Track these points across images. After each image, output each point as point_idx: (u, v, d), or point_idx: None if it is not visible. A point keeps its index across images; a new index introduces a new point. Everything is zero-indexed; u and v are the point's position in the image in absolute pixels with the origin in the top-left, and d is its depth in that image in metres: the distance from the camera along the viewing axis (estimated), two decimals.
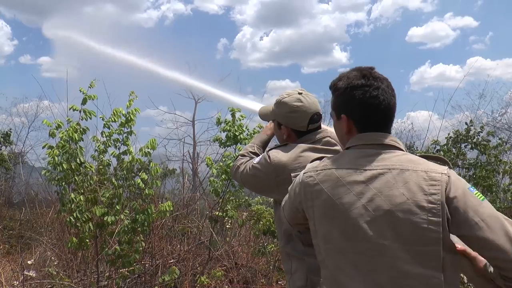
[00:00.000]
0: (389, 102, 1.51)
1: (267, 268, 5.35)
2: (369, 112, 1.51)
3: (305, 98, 2.13)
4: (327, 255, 1.49)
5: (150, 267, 4.94)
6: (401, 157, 1.46)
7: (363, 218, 1.39)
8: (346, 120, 1.56)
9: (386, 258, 1.36)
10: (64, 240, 5.35)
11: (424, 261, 1.34)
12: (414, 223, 1.34)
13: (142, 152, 4.37)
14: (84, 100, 4.32)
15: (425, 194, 1.36)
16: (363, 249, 1.40)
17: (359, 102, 1.51)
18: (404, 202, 1.36)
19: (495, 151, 6.86)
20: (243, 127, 5.11)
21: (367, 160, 1.46)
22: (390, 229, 1.36)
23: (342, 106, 1.57)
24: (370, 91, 1.50)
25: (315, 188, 1.51)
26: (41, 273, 4.79)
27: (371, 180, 1.42)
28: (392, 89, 1.54)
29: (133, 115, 4.37)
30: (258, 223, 5.28)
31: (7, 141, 11.57)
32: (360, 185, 1.43)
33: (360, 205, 1.41)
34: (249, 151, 2.31)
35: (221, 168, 5.16)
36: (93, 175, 4.47)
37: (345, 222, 1.42)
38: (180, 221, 5.98)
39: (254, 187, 2.31)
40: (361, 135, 1.53)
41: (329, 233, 1.47)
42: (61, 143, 4.19)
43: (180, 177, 9.68)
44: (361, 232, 1.39)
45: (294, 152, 2.04)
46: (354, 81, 1.53)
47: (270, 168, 2.04)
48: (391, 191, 1.39)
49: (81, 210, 4.20)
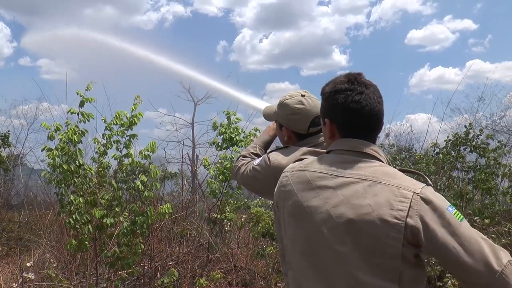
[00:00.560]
0: (372, 108, 1.48)
1: (266, 270, 5.35)
2: (351, 117, 1.48)
3: (307, 101, 2.10)
4: (293, 256, 1.48)
5: (149, 269, 4.94)
6: (378, 168, 1.43)
7: (326, 224, 1.38)
8: (329, 124, 1.55)
9: (344, 266, 1.35)
10: (63, 242, 5.35)
11: (381, 272, 1.33)
12: (374, 236, 1.32)
13: (142, 155, 4.38)
14: (82, 102, 4.33)
15: (391, 209, 1.33)
16: (323, 255, 1.39)
17: (341, 106, 1.48)
18: (368, 213, 1.34)
19: (494, 154, 6.86)
20: (239, 129, 5.14)
21: (342, 166, 1.45)
22: (350, 238, 1.35)
23: (326, 111, 1.57)
24: (353, 95, 1.47)
25: (287, 189, 1.52)
26: (40, 275, 4.79)
27: (340, 187, 1.40)
28: (378, 96, 1.51)
29: (137, 119, 4.39)
30: (257, 225, 5.28)
31: (6, 143, 11.56)
32: (329, 190, 1.41)
33: (324, 210, 1.39)
34: (251, 152, 2.30)
35: (218, 169, 5.17)
36: (93, 177, 4.47)
37: (309, 226, 1.42)
38: (179, 223, 5.97)
39: (254, 189, 2.28)
40: (342, 140, 1.51)
41: (295, 235, 1.47)
42: (60, 145, 4.20)
43: (179, 179, 9.67)
44: (322, 238, 1.39)
45: (295, 155, 2.00)
46: (338, 86, 1.52)
47: (269, 171, 2.01)
48: (357, 201, 1.36)
49: (80, 212, 4.20)
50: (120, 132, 4.41)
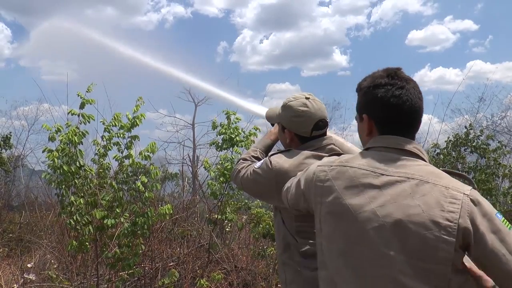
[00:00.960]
0: (413, 104, 1.41)
1: (266, 271, 5.35)
2: (391, 113, 1.42)
3: (312, 104, 2.07)
4: (329, 256, 1.40)
5: (150, 270, 4.94)
6: (423, 167, 1.37)
7: (371, 223, 1.31)
8: (367, 120, 1.48)
9: (388, 270, 1.28)
10: (64, 243, 5.35)
11: (428, 279, 1.25)
12: (424, 238, 1.25)
13: (142, 156, 4.39)
14: (82, 104, 4.33)
15: (442, 211, 1.26)
16: (365, 256, 1.31)
17: (380, 101, 1.42)
18: (418, 214, 1.27)
19: (495, 154, 6.86)
20: (238, 129, 5.13)
21: (386, 164, 1.38)
22: (397, 240, 1.27)
23: (364, 106, 1.50)
24: (393, 90, 1.41)
25: (325, 184, 1.43)
26: (41, 276, 4.80)
27: (386, 186, 1.33)
28: (419, 92, 1.45)
29: (139, 121, 4.39)
30: (258, 226, 5.29)
31: (7, 145, 11.57)
32: (374, 189, 1.34)
33: (369, 209, 1.32)
34: (251, 155, 2.25)
35: (219, 170, 5.17)
36: (93, 178, 4.48)
37: (351, 225, 1.34)
38: (180, 224, 5.98)
39: (254, 192, 2.24)
40: (383, 137, 1.45)
41: (333, 233, 1.39)
42: (61, 146, 4.20)
43: (179, 180, 9.68)
44: (366, 238, 1.31)
45: (297, 158, 1.99)
46: (377, 80, 1.45)
47: (271, 174, 1.98)
48: (405, 201, 1.30)
49: (81, 213, 4.21)
50: (121, 134, 4.42)
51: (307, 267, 1.91)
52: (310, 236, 1.91)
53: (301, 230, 1.96)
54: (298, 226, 1.97)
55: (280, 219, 2.07)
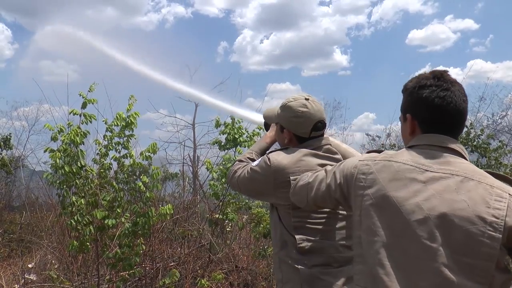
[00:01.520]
0: (458, 106, 1.43)
1: (267, 271, 5.34)
2: (435, 113, 1.44)
3: (311, 105, 2.09)
4: (370, 249, 1.38)
5: (151, 270, 4.94)
6: (467, 165, 1.39)
7: (415, 215, 1.31)
8: (410, 120, 1.51)
9: (431, 262, 1.27)
10: (65, 243, 5.35)
11: (471, 274, 1.25)
12: (469, 233, 1.25)
13: (143, 156, 4.39)
14: (84, 104, 4.34)
15: (488, 207, 1.27)
16: (408, 248, 1.31)
17: (425, 102, 1.44)
18: (463, 209, 1.27)
19: (496, 154, 6.86)
20: (242, 129, 5.13)
21: (431, 161, 1.39)
22: (441, 233, 1.28)
23: (408, 106, 1.52)
24: (438, 91, 1.43)
25: (369, 177, 1.44)
26: (42, 276, 4.80)
27: (431, 182, 1.34)
28: (464, 94, 1.46)
29: (134, 119, 4.39)
30: (259, 226, 5.28)
31: (8, 145, 11.57)
32: (418, 184, 1.35)
33: (414, 202, 1.32)
34: (247, 157, 2.27)
35: (221, 171, 5.17)
36: (94, 179, 4.48)
37: (395, 217, 1.34)
38: (181, 224, 5.98)
39: (251, 191, 2.22)
40: (425, 135, 1.47)
41: (374, 225, 1.38)
42: (63, 146, 4.20)
43: (180, 180, 9.67)
44: (409, 230, 1.31)
45: (295, 155, 2.01)
46: (423, 81, 1.47)
47: (269, 171, 1.99)
48: (450, 195, 1.31)
49: (82, 213, 4.21)
50: (118, 133, 4.42)
51: (304, 264, 1.92)
52: (308, 232, 1.95)
53: (299, 226, 1.97)
54: (296, 222, 1.97)
55: (276, 216, 2.07)
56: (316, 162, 2.00)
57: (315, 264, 1.91)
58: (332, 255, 1.94)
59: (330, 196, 1.60)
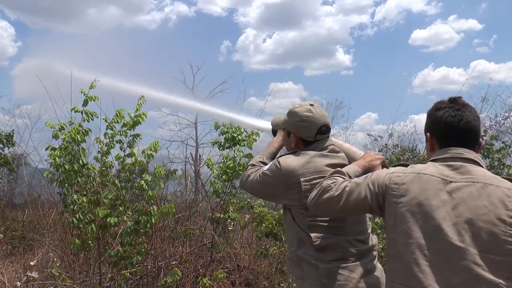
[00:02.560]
0: (468, 123, 1.67)
1: (269, 270, 5.34)
2: (449, 130, 1.69)
3: (316, 110, 2.23)
4: (405, 249, 1.58)
5: (152, 269, 4.94)
6: (485, 172, 1.62)
7: (446, 221, 1.53)
8: (430, 138, 1.77)
9: (462, 261, 1.48)
10: (67, 241, 5.35)
11: (500, 270, 1.46)
12: (493, 234, 1.48)
13: (145, 154, 4.38)
14: (85, 101, 4.32)
15: (507, 209, 1.50)
16: (441, 249, 1.52)
17: (440, 121, 1.70)
18: (486, 214, 1.50)
19: (499, 154, 6.83)
20: (240, 128, 5.15)
21: (453, 172, 1.62)
22: (470, 236, 1.49)
23: (428, 126, 1.78)
24: (450, 111, 1.69)
25: (402, 187, 1.64)
26: (44, 274, 4.79)
27: (455, 191, 1.57)
28: (475, 115, 1.71)
29: (141, 119, 4.39)
30: (261, 225, 5.28)
31: (10, 142, 11.60)
32: (445, 194, 1.57)
33: (444, 210, 1.54)
34: (259, 161, 2.40)
35: (221, 169, 5.17)
36: (96, 177, 4.47)
37: (428, 222, 1.55)
38: (183, 223, 5.98)
39: (264, 194, 2.40)
40: (445, 149, 1.70)
41: (409, 229, 1.58)
42: (64, 144, 4.20)
43: (182, 179, 9.68)
44: (442, 233, 1.52)
45: (304, 158, 2.14)
46: (439, 104, 1.74)
47: (279, 174, 2.12)
48: (474, 202, 1.53)
49: (83, 211, 4.21)
50: (123, 132, 4.41)
51: (321, 260, 2.03)
52: (322, 230, 2.07)
53: (313, 224, 2.08)
54: (310, 221, 2.08)
55: (290, 217, 2.18)
56: (324, 163, 2.14)
57: (332, 260, 2.03)
58: (347, 249, 2.06)
59: (364, 204, 1.76)
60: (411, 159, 8.66)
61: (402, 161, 7.82)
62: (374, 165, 2.03)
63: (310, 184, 2.07)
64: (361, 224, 2.17)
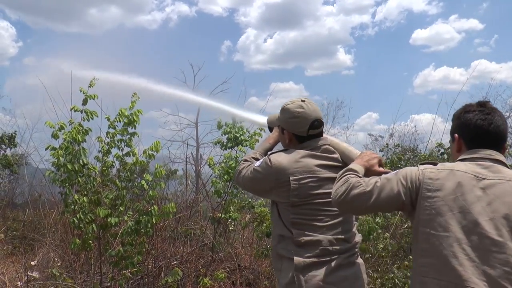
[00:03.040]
0: (498, 126, 1.76)
1: (270, 270, 5.33)
2: (480, 133, 1.75)
3: (307, 105, 2.26)
4: (442, 243, 1.61)
5: (153, 269, 4.94)
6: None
7: (483, 216, 1.58)
8: (457, 139, 1.83)
9: (501, 254, 1.54)
10: (68, 241, 5.35)
11: None
12: None
13: (146, 154, 4.38)
14: (85, 100, 4.31)
15: None
16: (479, 243, 1.56)
17: (470, 123, 1.77)
18: None
19: None
20: (243, 129, 5.14)
21: (485, 170, 1.68)
22: (507, 230, 1.56)
23: (456, 128, 1.84)
24: (480, 115, 1.76)
25: (436, 182, 1.69)
26: (45, 274, 4.80)
27: (489, 188, 1.63)
28: (503, 119, 1.79)
29: (136, 117, 4.37)
30: (261, 225, 5.27)
31: (12, 143, 11.61)
32: (479, 190, 1.63)
33: (480, 205, 1.60)
34: (252, 157, 2.44)
35: (223, 169, 5.17)
36: (97, 176, 4.47)
37: (465, 216, 1.60)
38: (183, 223, 5.97)
39: (254, 189, 2.44)
40: (476, 149, 1.76)
41: (446, 223, 1.62)
42: (65, 144, 4.19)
43: (183, 179, 9.68)
44: (479, 227, 1.57)
45: (294, 156, 2.19)
46: (468, 107, 1.81)
47: (270, 171, 2.17)
48: (508, 198, 1.61)
49: (84, 211, 4.20)
50: (121, 131, 4.40)
51: (299, 255, 2.10)
52: (305, 228, 2.14)
53: (297, 222, 2.15)
54: (294, 219, 2.15)
55: (276, 212, 2.25)
56: (313, 163, 2.18)
57: (309, 255, 2.10)
58: (326, 247, 2.11)
59: (398, 200, 1.77)
60: (412, 159, 8.64)
61: (403, 161, 7.81)
62: (372, 164, 2.04)
63: (299, 183, 2.13)
64: (346, 223, 2.21)
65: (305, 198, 2.13)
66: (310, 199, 2.13)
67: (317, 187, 2.15)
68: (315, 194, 2.14)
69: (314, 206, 2.14)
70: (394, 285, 4.03)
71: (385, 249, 4.49)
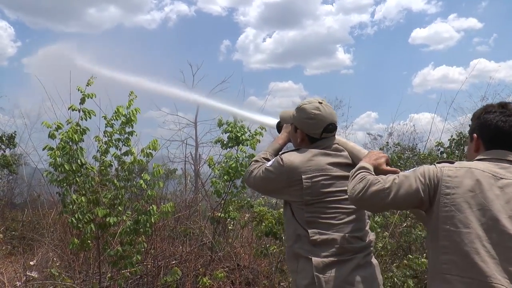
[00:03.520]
0: None
1: (269, 269, 5.33)
2: (500, 134, 1.77)
3: (324, 108, 2.25)
4: (463, 239, 1.62)
5: (152, 268, 4.93)
6: None
7: (502, 214, 1.60)
8: (476, 139, 1.84)
9: None
10: (66, 241, 5.35)
11: None
12: None
13: (144, 153, 4.36)
14: (83, 99, 4.29)
15: None
16: (499, 240, 1.58)
17: (490, 124, 1.78)
18: None
19: None
20: (244, 128, 5.12)
21: (503, 170, 1.70)
22: None
23: (475, 127, 1.85)
24: (501, 116, 1.77)
25: (455, 179, 1.70)
26: (43, 274, 4.79)
27: (507, 187, 1.65)
28: None
29: (134, 115, 4.35)
30: (261, 224, 5.26)
31: (12, 143, 11.57)
32: (497, 188, 1.65)
33: (498, 203, 1.62)
34: (262, 157, 2.43)
35: (223, 169, 5.15)
36: (95, 176, 4.46)
37: (485, 214, 1.62)
38: (182, 223, 5.97)
39: (266, 189, 2.43)
40: (494, 150, 1.78)
41: (467, 219, 1.63)
42: (62, 144, 4.17)
43: (182, 179, 9.67)
44: (500, 225, 1.59)
45: (306, 155, 2.18)
46: (489, 108, 1.83)
47: (282, 170, 2.17)
48: None
49: (83, 211, 4.19)
50: (118, 130, 4.38)
51: (316, 255, 2.09)
52: (320, 226, 2.13)
53: (312, 221, 2.14)
54: (309, 217, 2.15)
55: (290, 212, 2.23)
56: (325, 161, 2.18)
57: (326, 255, 2.09)
58: (343, 246, 2.10)
59: (416, 196, 1.77)
60: (411, 158, 8.64)
61: (403, 160, 7.81)
62: (380, 163, 2.05)
63: (311, 181, 2.12)
64: (359, 222, 2.21)
65: (318, 196, 2.14)
66: (323, 197, 2.14)
67: (330, 185, 2.16)
68: (327, 192, 2.15)
69: (327, 204, 2.15)
70: (393, 284, 4.03)
71: (384, 248, 4.48)
